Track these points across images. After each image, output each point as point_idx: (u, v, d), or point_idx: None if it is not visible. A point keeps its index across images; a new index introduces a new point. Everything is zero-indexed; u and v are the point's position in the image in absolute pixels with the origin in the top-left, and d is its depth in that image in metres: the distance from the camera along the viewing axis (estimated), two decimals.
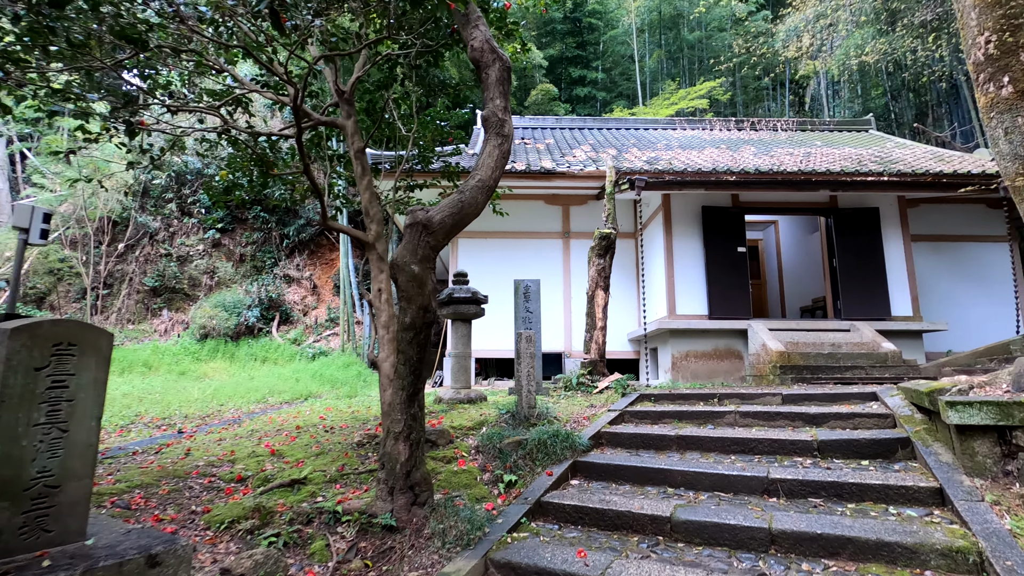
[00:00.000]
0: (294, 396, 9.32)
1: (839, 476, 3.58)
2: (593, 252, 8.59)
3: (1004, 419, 3.20)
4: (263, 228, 17.74)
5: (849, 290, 9.09)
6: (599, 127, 15.22)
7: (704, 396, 6.05)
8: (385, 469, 3.43)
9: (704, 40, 21.65)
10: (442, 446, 4.68)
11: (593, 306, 8.51)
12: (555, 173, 10.13)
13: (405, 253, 3.22)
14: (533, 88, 19.75)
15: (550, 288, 11.09)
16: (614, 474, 4.26)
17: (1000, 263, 11.09)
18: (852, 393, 5.40)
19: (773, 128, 15.25)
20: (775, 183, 8.64)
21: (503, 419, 5.38)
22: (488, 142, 3.49)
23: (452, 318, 6.84)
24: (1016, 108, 4.72)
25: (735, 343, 8.95)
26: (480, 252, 11.30)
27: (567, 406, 6.48)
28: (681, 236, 9.43)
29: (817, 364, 7.67)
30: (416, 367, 3.40)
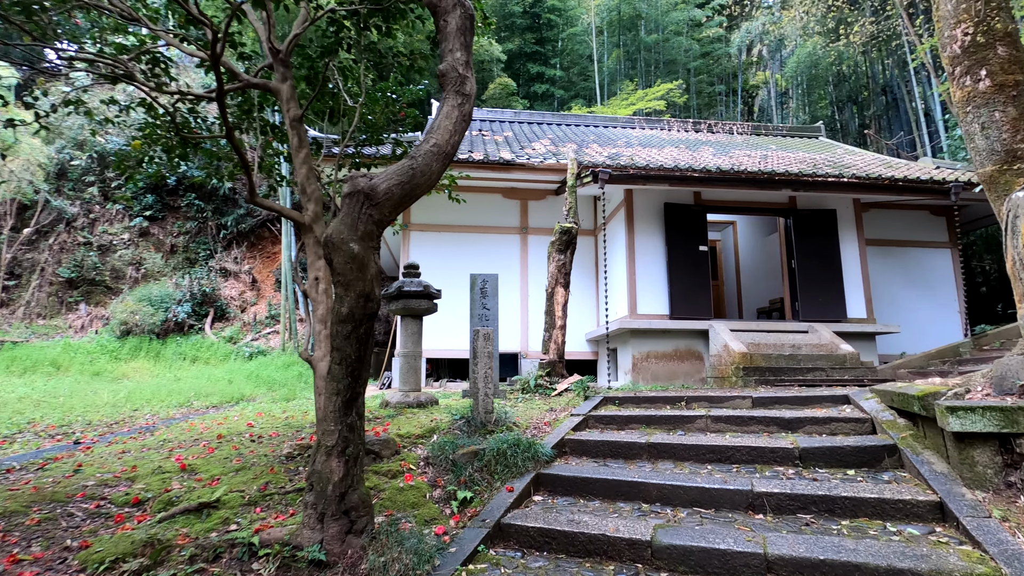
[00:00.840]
0: (224, 399, 8.44)
1: (829, 489, 3.24)
2: (553, 247, 8.17)
3: (1008, 426, 2.93)
4: (198, 217, 16.44)
5: (807, 291, 9.05)
6: (559, 122, 14.89)
7: (671, 399, 5.71)
8: (314, 491, 2.83)
9: (662, 43, 21.77)
10: (387, 458, 4.09)
11: (552, 304, 8.08)
12: (514, 164, 9.66)
13: (342, 228, 2.64)
14: (491, 82, 19.25)
15: (507, 286, 10.60)
16: (582, 488, 3.81)
17: (943, 268, 11.43)
18: (823, 396, 5.17)
19: (729, 131, 15.35)
20: (739, 180, 8.47)
21: (457, 426, 4.84)
22: (446, 101, 2.95)
23: (401, 314, 6.24)
24: (993, 102, 4.60)
25: (696, 344, 8.73)
26: (433, 246, 10.69)
27: (525, 410, 6.00)
28: (643, 233, 9.15)
29: (779, 366, 7.51)
30: (355, 367, 2.82)
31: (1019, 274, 4.09)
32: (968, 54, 4.73)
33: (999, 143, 4.49)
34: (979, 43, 4.66)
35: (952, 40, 4.86)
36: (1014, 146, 4.41)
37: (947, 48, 4.93)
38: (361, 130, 5.48)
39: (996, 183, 4.52)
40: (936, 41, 12.87)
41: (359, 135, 5.34)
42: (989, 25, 4.61)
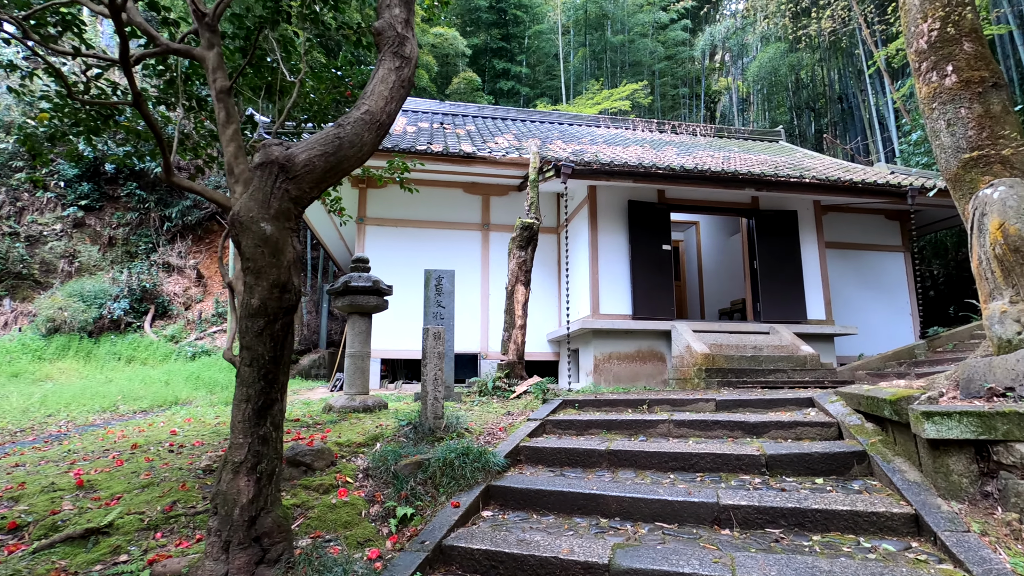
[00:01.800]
0: (156, 403, 7.78)
1: (799, 501, 3.01)
2: (514, 244, 7.84)
3: (986, 432, 2.75)
4: (139, 208, 15.44)
5: (769, 293, 9.00)
6: (523, 118, 14.60)
7: (632, 402, 5.45)
8: (218, 515, 2.41)
9: (628, 44, 21.79)
10: (320, 470, 3.67)
11: (512, 302, 7.75)
12: (475, 158, 9.30)
13: (252, 205, 2.23)
14: (455, 76, 18.82)
15: (467, 284, 10.23)
16: (536, 501, 3.48)
17: (897, 271, 11.64)
18: (787, 399, 5.00)
19: (693, 133, 15.38)
20: (703, 178, 8.34)
21: (403, 432, 4.45)
22: (382, 64, 2.57)
23: (349, 311, 5.79)
24: (959, 98, 4.51)
25: (658, 345, 8.55)
26: (391, 241, 10.22)
27: (481, 414, 5.65)
28: (607, 231, 8.93)
29: (741, 367, 7.39)
30: (268, 369, 2.41)
31: (986, 273, 3.98)
32: (935, 49, 4.64)
33: (965, 140, 4.40)
34: (946, 38, 4.58)
35: (919, 35, 4.77)
36: (980, 143, 4.32)
37: (913, 43, 4.84)
38: (303, 109, 5.02)
39: (961, 181, 4.43)
40: (891, 50, 13.19)
41: (299, 114, 4.88)
42: (956, 20, 4.53)
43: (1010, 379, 3.50)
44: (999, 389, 3.57)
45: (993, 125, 4.31)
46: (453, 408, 5.94)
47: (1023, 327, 3.66)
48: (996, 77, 4.44)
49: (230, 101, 3.92)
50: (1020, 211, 3.66)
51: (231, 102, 3.94)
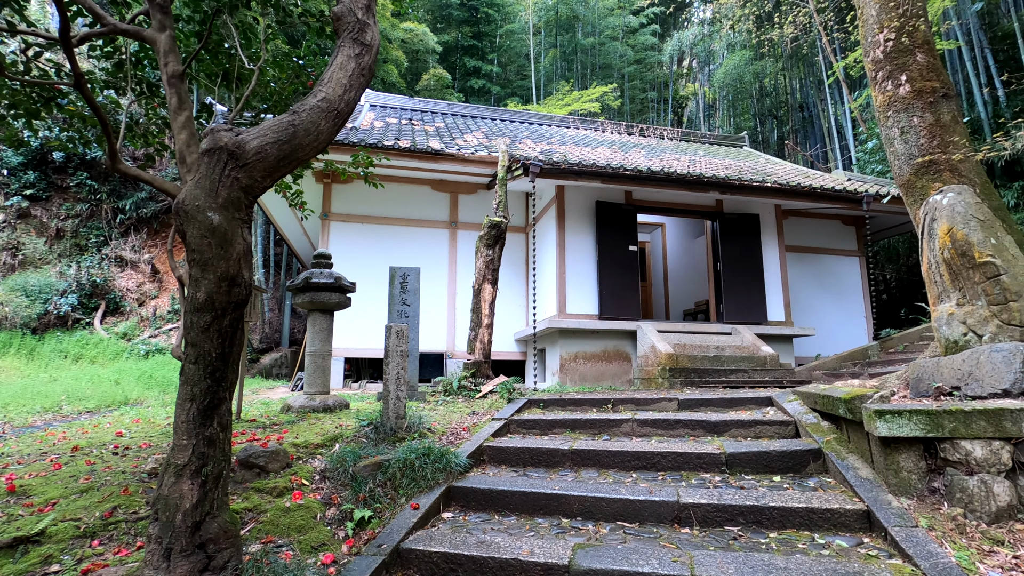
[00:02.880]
0: (103, 403, 7.41)
1: (757, 499, 3.04)
2: (481, 242, 7.78)
3: (934, 430, 2.83)
4: (90, 199, 14.75)
5: (731, 294, 9.19)
6: (493, 117, 14.54)
7: (597, 402, 5.46)
8: (159, 521, 2.28)
9: (598, 47, 21.97)
10: (274, 472, 3.53)
11: (479, 301, 7.69)
12: (444, 155, 9.19)
13: (198, 194, 2.11)
14: (425, 72, 18.62)
15: (434, 282, 10.12)
16: (497, 502, 3.43)
17: (852, 275, 12.06)
18: (748, 398, 5.09)
19: (660, 136, 15.60)
20: (670, 180, 8.45)
21: (364, 433, 4.34)
22: (341, 50, 2.48)
23: (310, 308, 5.62)
24: (913, 107, 4.67)
25: (624, 345, 8.62)
26: (357, 238, 10.02)
27: (445, 414, 5.57)
28: (574, 231, 8.95)
29: (704, 367, 7.51)
30: (216, 368, 2.29)
31: (934, 277, 4.12)
32: (890, 59, 4.79)
33: (917, 148, 4.56)
34: (901, 48, 4.73)
35: (875, 45, 4.92)
36: (931, 151, 4.48)
37: (871, 52, 4.99)
38: (263, 99, 4.85)
39: (913, 187, 4.59)
40: (850, 61, 13.65)
41: (259, 104, 4.71)
42: (910, 30, 4.69)
43: (956, 378, 3.63)
44: (946, 388, 3.69)
45: (943, 134, 4.48)
46: (417, 408, 5.84)
47: (969, 329, 3.81)
48: (946, 88, 4.61)
49: (183, 87, 3.75)
50: (968, 217, 3.80)
51: (184, 88, 3.76)
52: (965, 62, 12.53)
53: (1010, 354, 3.36)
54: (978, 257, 3.69)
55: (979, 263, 3.69)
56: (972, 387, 3.49)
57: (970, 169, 4.39)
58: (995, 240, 3.73)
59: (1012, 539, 2.49)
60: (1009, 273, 3.60)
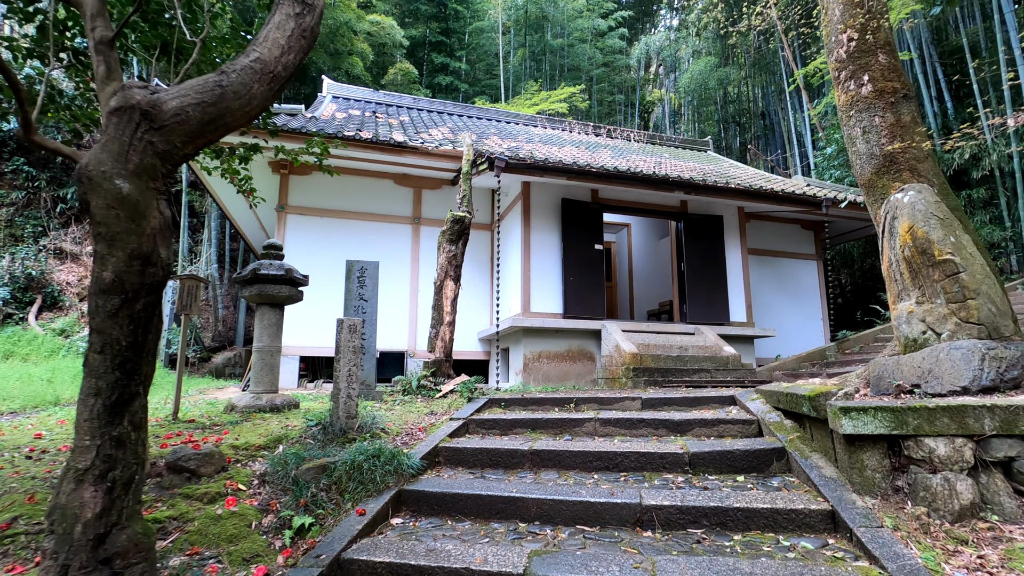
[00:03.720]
0: (31, 403, 6.86)
1: (721, 500, 2.93)
2: (444, 237, 7.55)
3: (898, 427, 2.77)
4: (27, 187, 13.83)
5: (695, 295, 9.21)
6: (460, 113, 14.31)
7: (559, 401, 5.31)
8: (56, 534, 1.99)
9: (567, 48, 22.00)
10: (207, 477, 3.24)
11: (441, 298, 7.46)
12: (406, 147, 8.92)
13: (104, 158, 1.85)
14: (391, 66, 18.24)
15: (396, 279, 9.83)
16: (451, 506, 3.22)
17: (810, 278, 12.32)
18: (710, 397, 5.03)
19: (627, 138, 15.67)
20: (636, 179, 8.40)
21: (311, 433, 4.06)
22: (279, 8, 2.24)
23: (258, 302, 5.29)
24: (874, 107, 4.70)
25: (588, 344, 8.52)
26: (316, 232, 9.63)
27: (402, 414, 5.33)
28: (539, 229, 8.81)
29: (667, 367, 7.47)
30: (126, 358, 2.02)
31: (895, 275, 4.12)
32: (853, 59, 4.82)
33: (878, 148, 4.58)
34: (864, 48, 4.76)
35: (839, 44, 4.94)
36: (892, 151, 4.51)
37: (834, 52, 5.01)
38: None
39: (874, 187, 4.61)
40: (810, 69, 14.00)
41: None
42: (874, 29, 4.71)
43: (916, 376, 3.62)
44: (906, 386, 3.68)
45: (903, 134, 4.51)
46: (373, 408, 5.57)
47: (928, 327, 3.81)
48: (907, 89, 4.66)
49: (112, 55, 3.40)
50: (928, 215, 3.81)
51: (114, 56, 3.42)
52: (917, 74, 12.99)
53: (969, 352, 3.35)
54: (938, 255, 3.69)
55: (939, 261, 3.69)
56: (932, 385, 3.48)
57: (929, 169, 4.44)
58: (954, 239, 3.74)
59: (975, 538, 2.43)
60: (968, 271, 3.61)
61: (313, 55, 16.19)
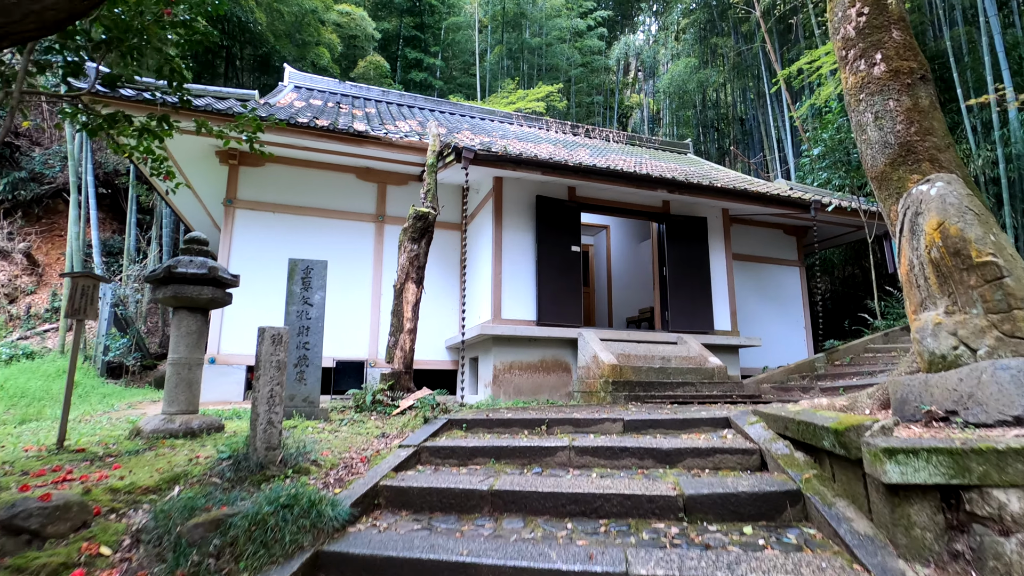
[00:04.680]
0: None
1: (730, 567, 2.27)
2: (406, 236, 6.82)
3: (958, 475, 2.15)
4: None
5: (677, 301, 8.63)
6: (431, 108, 13.59)
7: (530, 422, 4.62)
8: None
9: (545, 47, 21.46)
10: (58, 538, 2.45)
11: (401, 303, 6.72)
12: (368, 137, 8.16)
13: None
14: (361, 59, 17.41)
15: (357, 281, 9.05)
16: (382, 574, 2.49)
17: (793, 285, 11.90)
18: (701, 419, 4.39)
19: (606, 138, 15.14)
20: (617, 176, 7.80)
21: (220, 470, 3.29)
22: None
23: (174, 305, 4.48)
24: (888, 89, 4.15)
25: (564, 354, 7.86)
26: (267, 229, 8.79)
27: (348, 437, 4.58)
28: (512, 228, 8.14)
29: (649, 379, 6.85)
30: None
31: (917, 280, 3.54)
32: (863, 36, 4.27)
33: (893, 135, 4.03)
34: (875, 24, 4.21)
35: (846, 20, 4.40)
36: (909, 139, 3.95)
37: (840, 30, 4.47)
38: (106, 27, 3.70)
39: (888, 180, 4.06)
40: (793, 70, 13.67)
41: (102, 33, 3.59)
42: (885, 5, 4.18)
43: (951, 401, 3.03)
44: (939, 412, 3.09)
45: (922, 120, 3.97)
46: (314, 430, 4.81)
47: (960, 341, 3.23)
48: (924, 69, 4.12)
49: None
50: (962, 210, 3.24)
51: None
52: None
53: (1019, 372, 2.77)
54: (976, 256, 3.12)
55: (977, 263, 3.11)
56: (973, 412, 2.89)
57: (951, 160, 3.89)
58: (994, 237, 3.18)
59: None
60: (1012, 276, 3.05)
61: (277, 44, 15.30)
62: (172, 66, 3.81)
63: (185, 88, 3.93)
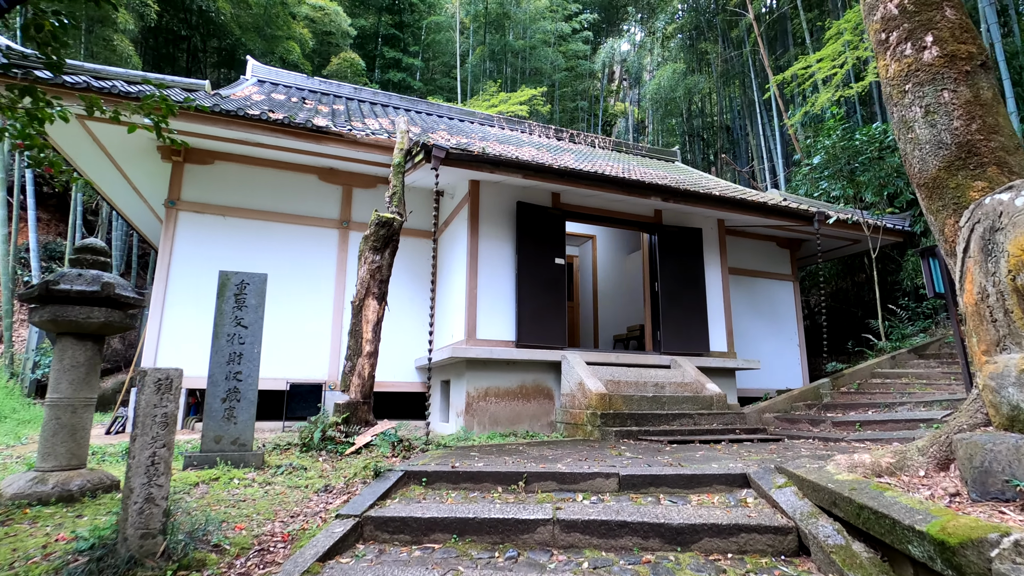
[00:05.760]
0: None
1: None
2: (367, 244, 5.96)
3: None
4: None
5: (671, 320, 7.89)
6: (407, 107, 12.74)
7: (504, 476, 3.77)
8: None
9: (529, 50, 20.80)
10: None
11: (360, 322, 5.84)
12: (328, 133, 7.29)
13: None
14: (334, 55, 16.49)
15: (317, 294, 8.15)
16: None
17: (786, 301, 11.29)
18: (713, 475, 3.60)
19: (592, 144, 14.45)
20: (605, 181, 7.05)
21: (73, 570, 2.38)
22: None
23: (55, 331, 3.55)
24: (942, 78, 3.43)
25: (546, 379, 7.04)
26: (217, 234, 7.85)
27: (280, 493, 3.71)
28: (490, 238, 7.32)
29: (641, 410, 6.07)
30: None
31: (991, 314, 2.81)
32: (909, 15, 3.57)
33: (949, 133, 3.32)
34: (925, 1, 3.54)
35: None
36: (970, 137, 3.24)
37: (878, 8, 3.77)
38: None
39: (942, 187, 3.34)
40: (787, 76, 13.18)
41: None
42: None
43: None
44: None
45: (985, 115, 3.26)
46: (240, 482, 3.91)
47: None
48: (983, 55, 3.42)
49: None
50: None
51: None
52: None
53: None
54: None
55: None
56: None
57: (1020, 165, 3.20)
58: None
59: None
60: None
61: (243, 36, 14.33)
62: (42, 24, 2.91)
63: (61, 55, 3.03)
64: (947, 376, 6.68)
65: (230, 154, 8.04)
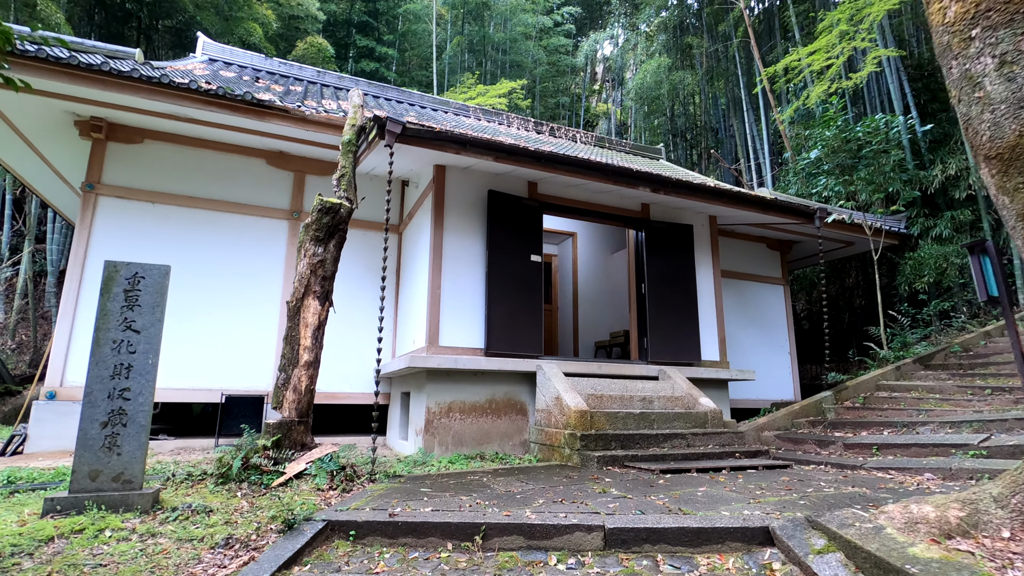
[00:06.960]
0: None
1: None
2: (307, 234, 5.05)
3: None
4: None
5: (659, 326, 7.10)
6: (376, 93, 11.79)
7: (457, 529, 2.91)
8: None
9: (509, 43, 19.99)
10: None
11: (298, 325, 4.92)
12: (272, 108, 6.36)
13: None
14: (299, 40, 15.46)
15: (261, 293, 7.20)
16: None
17: (777, 305, 10.64)
18: (726, 528, 2.79)
19: (573, 138, 13.68)
20: (589, 167, 6.26)
21: None
22: None
23: None
24: (1021, 20, 2.74)
25: (519, 392, 6.19)
26: (147, 224, 6.85)
27: (163, 550, 2.83)
28: (457, 231, 6.45)
29: (627, 430, 5.26)
30: None
31: None
32: None
33: None
34: None
35: None
36: None
37: None
38: None
39: (1018, 156, 2.62)
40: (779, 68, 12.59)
41: None
42: None
43: None
44: None
45: None
46: (114, 534, 2.99)
47: None
48: None
49: None
50: None
51: None
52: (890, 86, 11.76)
53: None
54: None
55: None
56: None
57: None
58: None
59: None
60: None
61: (200, 15, 13.24)
62: None
63: None
64: (963, 391, 6.01)
65: (162, 132, 7.04)
